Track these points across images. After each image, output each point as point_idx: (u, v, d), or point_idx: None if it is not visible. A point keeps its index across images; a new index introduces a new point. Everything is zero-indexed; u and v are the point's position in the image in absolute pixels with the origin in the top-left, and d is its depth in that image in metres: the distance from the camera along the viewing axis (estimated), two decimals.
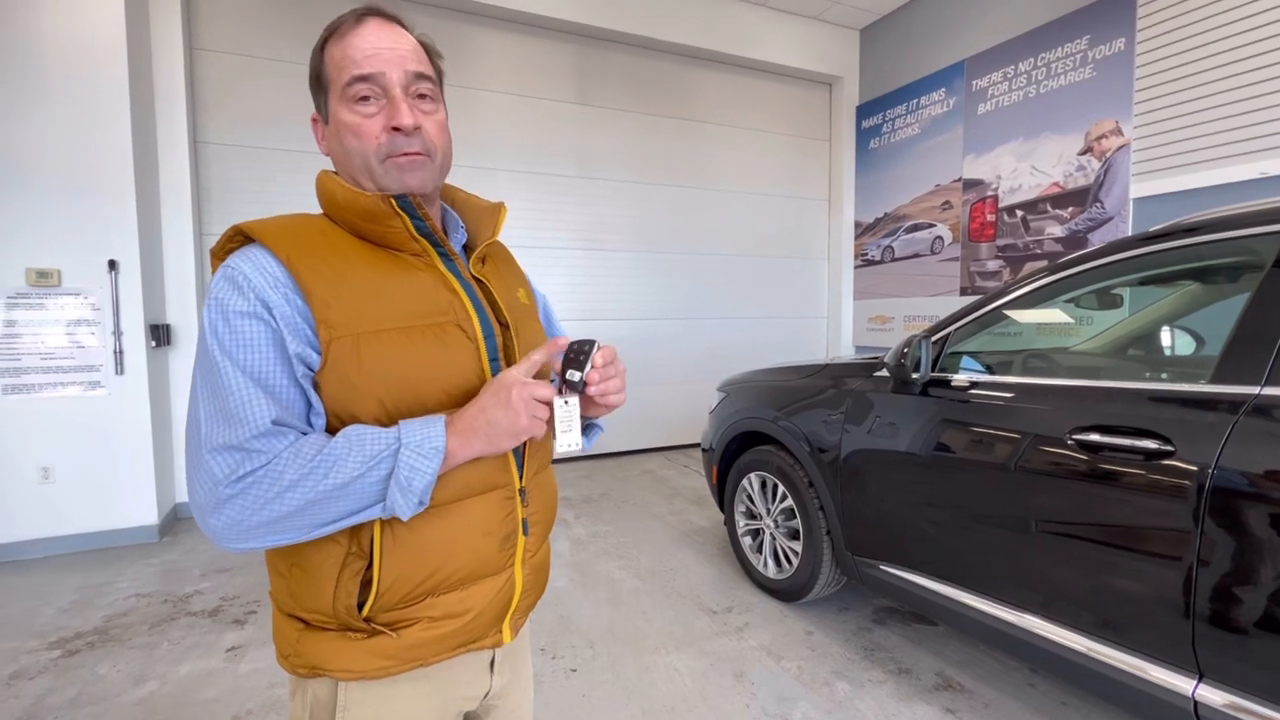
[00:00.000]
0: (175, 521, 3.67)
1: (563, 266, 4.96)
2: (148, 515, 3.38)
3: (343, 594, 0.68)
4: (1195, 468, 1.30)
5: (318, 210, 0.77)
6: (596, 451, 5.19)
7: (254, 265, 0.66)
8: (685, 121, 5.38)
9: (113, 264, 3.22)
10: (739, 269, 5.71)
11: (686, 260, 5.47)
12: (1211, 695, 1.28)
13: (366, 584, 0.68)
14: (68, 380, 3.19)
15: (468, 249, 0.83)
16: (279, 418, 0.63)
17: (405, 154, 0.71)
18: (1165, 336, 2.24)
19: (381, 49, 0.70)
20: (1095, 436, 1.49)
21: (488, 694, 0.84)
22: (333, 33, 0.73)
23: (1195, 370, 1.97)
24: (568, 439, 0.73)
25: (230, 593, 2.72)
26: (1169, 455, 1.35)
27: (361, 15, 0.72)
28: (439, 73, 0.77)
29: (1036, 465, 1.61)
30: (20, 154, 3.04)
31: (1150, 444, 1.38)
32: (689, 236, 5.47)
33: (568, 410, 0.73)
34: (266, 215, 0.73)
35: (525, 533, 0.80)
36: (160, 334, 3.51)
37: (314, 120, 0.77)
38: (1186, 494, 1.31)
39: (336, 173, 0.76)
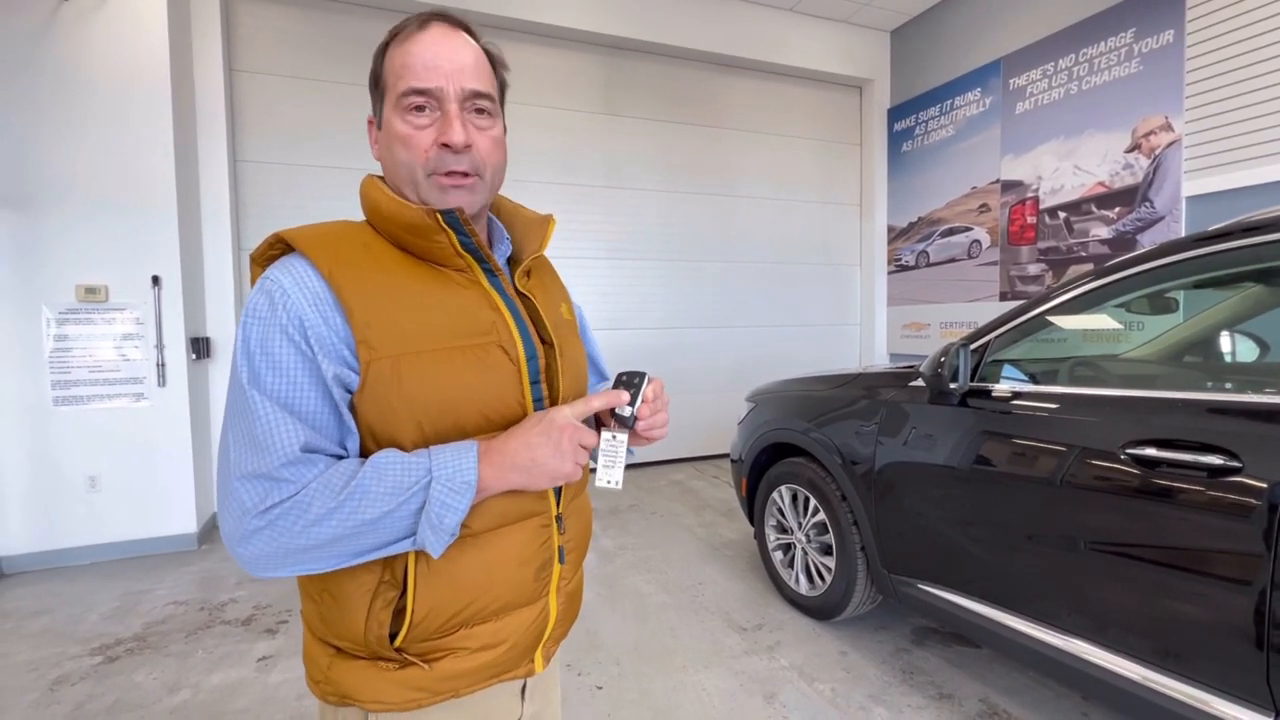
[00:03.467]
0: (213, 530, 3.75)
1: (592, 276, 4.96)
2: (187, 524, 3.46)
3: (375, 623, 0.66)
4: (1266, 485, 1.20)
5: (359, 217, 0.75)
6: (625, 462, 5.16)
7: (294, 279, 0.63)
8: (713, 129, 5.34)
9: (156, 279, 3.33)
10: (769, 276, 5.63)
11: (715, 268, 5.42)
12: None
13: (400, 613, 0.66)
14: (115, 392, 3.31)
15: (512, 261, 0.81)
16: (308, 443, 0.61)
17: (451, 173, 0.69)
18: (1225, 342, 2.10)
19: (441, 61, 0.67)
20: (1152, 451, 1.40)
21: None
22: (395, 36, 0.70)
23: (1261, 379, 1.84)
24: (610, 474, 0.71)
25: (263, 601, 2.76)
26: (1236, 472, 1.25)
27: (426, 20, 0.69)
28: (502, 85, 0.75)
29: (1087, 481, 1.51)
30: (70, 173, 3.17)
31: (1215, 459, 1.28)
32: (718, 244, 5.42)
33: (614, 445, 0.71)
34: None
35: (561, 560, 0.78)
36: (200, 347, 3.62)
37: (369, 122, 0.75)
38: (1256, 514, 1.21)
39: (384, 178, 0.74)
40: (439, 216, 0.67)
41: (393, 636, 0.67)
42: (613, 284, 5.01)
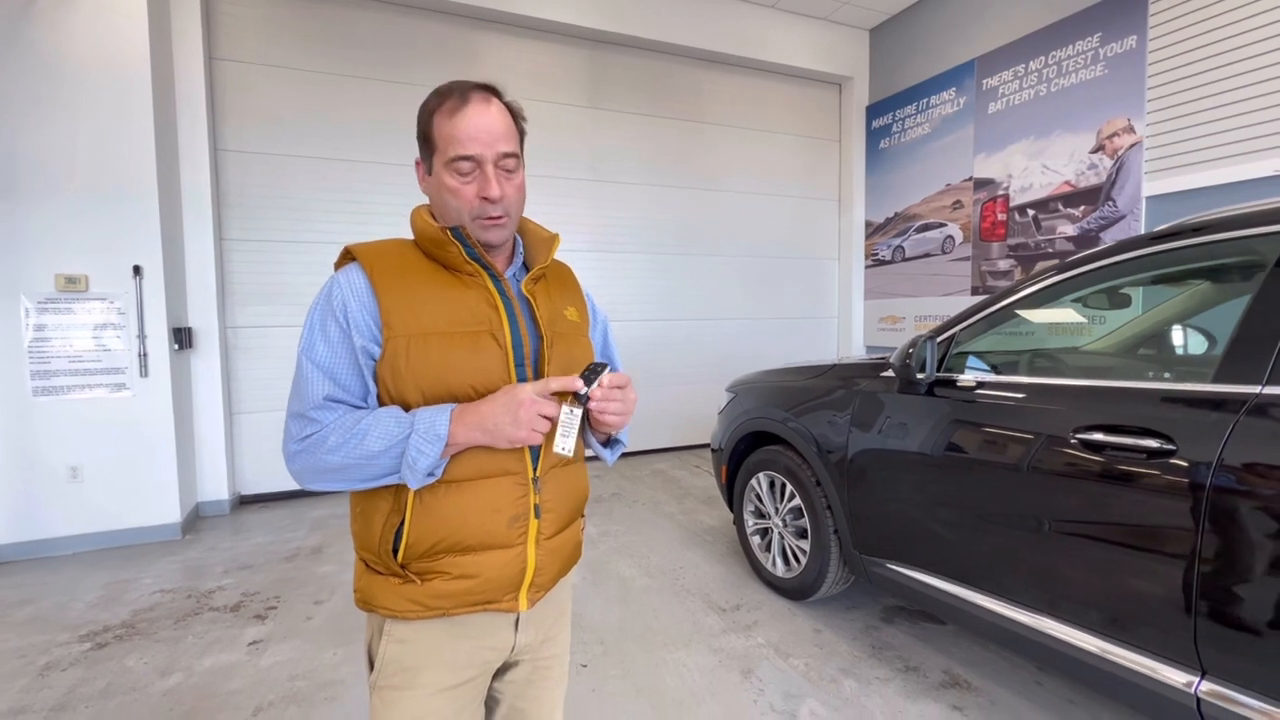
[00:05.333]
0: (197, 520, 3.76)
1: (576, 269, 4.94)
2: (170, 513, 3.47)
3: (383, 539, 0.87)
4: (1196, 466, 1.31)
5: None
6: (577, 434, 5.24)
7: (347, 280, 0.87)
8: (696, 124, 5.41)
9: (137, 269, 3.32)
10: (750, 270, 5.73)
11: (697, 261, 5.51)
12: (1214, 691, 1.30)
13: (398, 533, 0.86)
14: (95, 382, 3.30)
15: (529, 267, 1.00)
16: (330, 395, 0.84)
17: (490, 218, 0.89)
18: (1175, 336, 2.24)
19: (480, 133, 0.86)
20: (1099, 436, 1.51)
21: (514, 648, 0.97)
22: (441, 105, 0.87)
23: (1200, 370, 1.97)
24: (563, 443, 0.86)
25: (252, 589, 2.80)
26: (1171, 454, 1.36)
27: (465, 93, 0.87)
28: (521, 134, 0.94)
29: (1041, 464, 1.62)
30: (49, 162, 3.15)
31: (1153, 443, 1.39)
32: (700, 238, 5.50)
33: (570, 418, 0.86)
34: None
35: (537, 516, 0.92)
36: (182, 337, 3.61)
37: (417, 164, 0.95)
38: (1188, 493, 1.32)
39: (429, 205, 0.95)
40: (448, 232, 0.88)
41: (395, 553, 0.86)
42: (597, 277, 5.06)
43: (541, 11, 4.53)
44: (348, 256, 0.91)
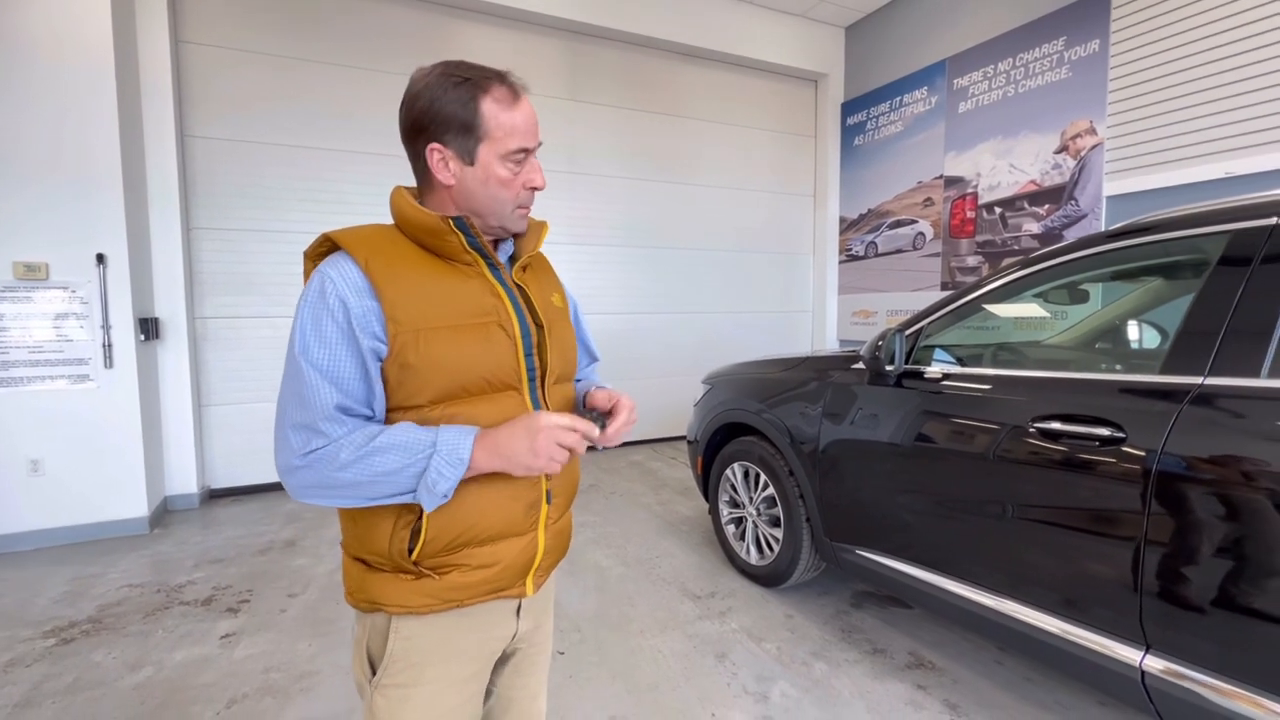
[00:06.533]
0: (165, 514, 3.69)
1: (553, 261, 4.96)
2: (138, 508, 3.40)
3: (397, 540, 0.83)
4: (1143, 453, 1.39)
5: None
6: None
7: (339, 273, 0.80)
8: (674, 117, 5.43)
9: (101, 257, 3.23)
10: (726, 263, 5.79)
11: (674, 255, 5.54)
12: (1157, 665, 1.38)
13: (416, 533, 0.83)
14: (55, 374, 3.20)
15: (514, 257, 0.96)
16: (341, 404, 0.78)
17: (527, 207, 0.91)
18: (1130, 330, 2.34)
19: (533, 126, 0.88)
20: (1056, 425, 1.58)
21: (515, 636, 0.99)
22: (487, 91, 0.83)
23: (1150, 362, 2.06)
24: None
25: (223, 583, 2.76)
26: (1121, 442, 1.44)
27: (514, 89, 0.86)
28: None
29: (1003, 453, 1.69)
30: (6, 146, 3.04)
31: (1105, 431, 1.47)
32: (677, 231, 5.53)
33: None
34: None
35: (548, 501, 0.94)
36: (149, 328, 3.53)
37: (432, 150, 0.84)
38: (1135, 478, 1.40)
39: (413, 189, 0.91)
40: (450, 221, 0.83)
41: (410, 552, 0.84)
42: (574, 269, 5.06)
43: (519, 1, 4.50)
44: (330, 245, 0.84)
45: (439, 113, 0.83)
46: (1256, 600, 1.23)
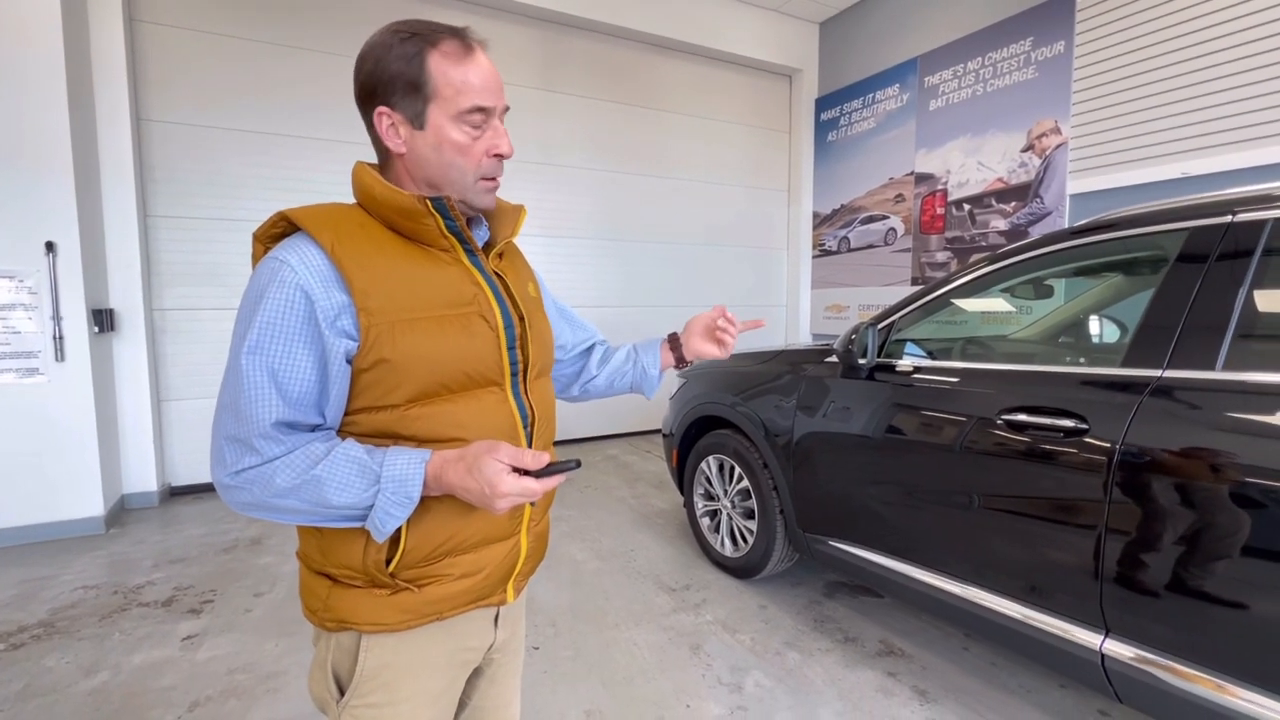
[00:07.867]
0: (122, 512, 3.56)
1: (527, 253, 4.89)
2: (93, 507, 3.27)
3: (372, 551, 0.75)
4: (1105, 444, 1.43)
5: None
6: (561, 438, 5.23)
7: (299, 257, 0.70)
8: (648, 110, 5.40)
9: (50, 246, 3.09)
10: (700, 257, 5.79)
11: (649, 248, 5.52)
12: (1116, 648, 1.42)
13: (394, 543, 0.75)
14: (3, 367, 3.06)
15: (488, 245, 0.89)
16: (282, 418, 0.69)
17: (492, 179, 0.81)
18: (1093, 325, 2.41)
19: (491, 83, 0.77)
20: (1022, 416, 1.61)
21: (491, 646, 0.93)
22: (436, 45, 0.74)
23: (1112, 356, 2.13)
24: None
25: (184, 583, 2.68)
26: (1084, 433, 1.48)
27: (467, 42, 0.76)
28: None
29: (971, 444, 1.73)
30: None
31: (1069, 422, 1.51)
32: (651, 224, 5.52)
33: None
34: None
35: (531, 502, 0.87)
36: (104, 319, 3.39)
37: (380, 114, 0.76)
38: (1097, 468, 1.44)
39: (376, 165, 0.81)
40: (428, 202, 0.75)
41: (388, 563, 0.76)
42: (547, 261, 5.02)
43: None
44: (287, 224, 0.74)
45: (384, 72, 0.74)
46: (1210, 585, 1.28)
